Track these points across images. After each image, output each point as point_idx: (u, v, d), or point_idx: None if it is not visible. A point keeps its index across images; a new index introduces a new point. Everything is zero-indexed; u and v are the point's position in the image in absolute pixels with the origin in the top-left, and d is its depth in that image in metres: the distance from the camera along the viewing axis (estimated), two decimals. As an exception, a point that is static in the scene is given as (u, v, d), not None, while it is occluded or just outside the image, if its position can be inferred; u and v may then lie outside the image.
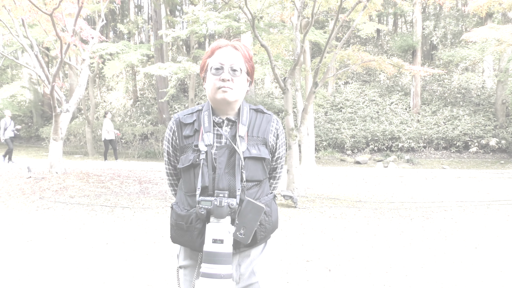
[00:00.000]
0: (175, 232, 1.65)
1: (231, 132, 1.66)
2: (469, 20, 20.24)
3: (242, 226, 1.52)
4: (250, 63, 1.71)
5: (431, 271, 3.92)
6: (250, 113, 1.73)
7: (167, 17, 16.79)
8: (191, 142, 1.65)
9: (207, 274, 1.43)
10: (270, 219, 1.67)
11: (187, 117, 1.72)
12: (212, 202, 1.49)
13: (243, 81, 1.67)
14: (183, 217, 1.61)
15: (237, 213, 1.52)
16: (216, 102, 1.66)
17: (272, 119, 1.76)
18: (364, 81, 19.79)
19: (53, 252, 4.39)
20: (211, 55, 1.68)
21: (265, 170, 1.70)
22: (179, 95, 20.61)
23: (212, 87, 1.63)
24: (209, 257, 1.44)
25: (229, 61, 1.63)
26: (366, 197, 7.82)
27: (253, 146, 1.64)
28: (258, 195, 1.66)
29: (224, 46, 1.67)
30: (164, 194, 7.91)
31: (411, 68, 8.23)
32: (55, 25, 7.26)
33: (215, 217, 1.49)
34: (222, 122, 1.68)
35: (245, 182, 1.58)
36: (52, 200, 7.23)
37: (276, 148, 1.77)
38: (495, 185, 8.76)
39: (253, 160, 1.62)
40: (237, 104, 1.69)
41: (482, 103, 16.35)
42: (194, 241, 1.58)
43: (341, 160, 14.47)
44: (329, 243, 4.82)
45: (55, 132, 9.08)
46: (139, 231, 5.29)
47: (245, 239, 1.52)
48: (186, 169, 1.63)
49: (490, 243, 4.83)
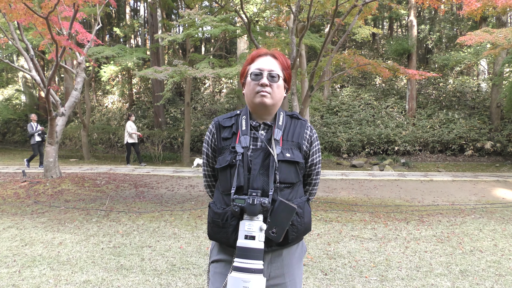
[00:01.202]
0: (212, 229, 1.75)
1: (267, 136, 1.74)
2: (463, 24, 20.36)
3: (274, 225, 1.59)
4: (287, 71, 1.80)
5: (427, 274, 3.93)
6: (286, 118, 1.81)
7: (163, 20, 16.78)
8: (228, 144, 1.74)
9: (239, 268, 1.51)
10: (302, 220, 1.74)
11: (226, 121, 1.82)
12: (245, 200, 1.58)
13: (280, 87, 1.76)
14: (219, 214, 1.70)
15: (269, 212, 1.59)
16: (254, 106, 1.75)
17: (307, 125, 1.84)
18: (360, 85, 19.84)
19: (48, 257, 4.36)
20: (251, 62, 1.78)
21: (298, 174, 1.77)
22: (175, 98, 20.58)
23: (251, 91, 1.73)
24: (242, 252, 1.53)
25: (267, 67, 1.72)
26: (362, 201, 7.82)
27: (287, 149, 1.72)
28: (291, 197, 1.73)
29: (264, 54, 1.78)
30: (160, 198, 7.89)
31: (406, 72, 8.26)
32: (50, 28, 7.24)
33: (248, 214, 1.57)
34: (258, 126, 1.77)
35: (278, 183, 1.66)
36: (47, 204, 7.19)
37: (309, 155, 1.85)
38: (490, 188, 8.79)
39: (287, 163, 1.70)
40: (274, 109, 1.78)
41: (477, 107, 16.42)
42: (229, 238, 1.67)
43: (337, 163, 14.48)
44: (325, 247, 4.81)
45: (50, 136, 9.04)
46: (134, 236, 5.26)
47: (277, 237, 1.60)
48: (223, 169, 1.73)
49: (486, 247, 4.84)
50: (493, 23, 16.43)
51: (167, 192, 8.59)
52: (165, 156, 15.55)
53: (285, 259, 1.75)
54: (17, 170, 11.12)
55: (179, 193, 8.42)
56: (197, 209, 6.87)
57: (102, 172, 11.06)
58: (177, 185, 9.28)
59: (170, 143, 17.47)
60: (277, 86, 1.73)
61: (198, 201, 7.59)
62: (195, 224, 5.89)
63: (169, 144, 17.52)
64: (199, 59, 14.39)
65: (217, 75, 10.12)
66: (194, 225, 5.84)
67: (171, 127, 18.12)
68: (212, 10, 16.39)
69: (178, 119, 18.85)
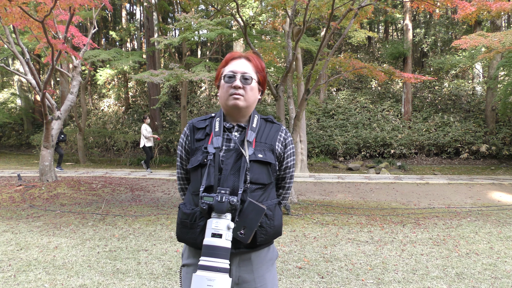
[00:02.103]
0: (180, 230, 1.73)
1: (240, 137, 1.75)
2: (458, 27, 20.49)
3: (242, 226, 1.58)
4: (262, 74, 1.81)
5: (424, 277, 3.93)
6: (260, 121, 1.82)
7: (159, 24, 16.80)
8: (201, 144, 1.75)
9: (204, 266, 1.49)
10: (272, 223, 1.73)
11: (200, 122, 1.82)
12: (213, 198, 1.56)
13: (254, 89, 1.77)
14: (188, 215, 1.69)
15: (238, 212, 1.58)
16: (227, 109, 1.76)
17: (281, 129, 1.85)
18: (356, 88, 19.91)
19: (44, 261, 4.34)
20: (225, 65, 1.79)
21: (270, 175, 1.76)
22: (171, 102, 20.58)
23: (225, 94, 1.74)
24: (208, 250, 1.52)
25: (241, 70, 1.73)
26: (358, 204, 7.83)
27: (260, 151, 1.72)
28: (262, 199, 1.72)
29: (238, 57, 1.79)
30: (156, 202, 7.87)
31: (402, 75, 8.28)
32: (46, 32, 7.23)
33: (215, 212, 1.55)
34: (232, 127, 1.77)
35: (248, 183, 1.65)
36: (42, 208, 7.16)
37: (284, 158, 1.85)
38: (486, 191, 8.83)
39: (259, 163, 1.70)
40: (248, 111, 1.78)
41: (472, 110, 16.51)
42: (196, 238, 1.66)
43: (334, 166, 14.50)
44: (322, 250, 4.81)
45: (46, 140, 9.01)
46: (130, 239, 5.24)
47: (245, 238, 1.59)
48: (194, 169, 1.73)
49: (482, 249, 4.85)
50: (488, 27, 16.55)
51: (163, 195, 8.57)
52: (161, 160, 15.52)
53: (255, 263, 1.73)
54: (12, 174, 11.06)
55: (175, 197, 8.40)
56: (193, 213, 6.85)
57: (98, 175, 11.03)
58: (173, 188, 9.26)
59: (166, 147, 17.45)
60: (251, 88, 1.74)
61: (195, 205, 7.56)
62: (191, 227, 5.87)
63: (165, 148, 17.49)
64: (195, 63, 14.40)
65: (213, 79, 10.11)
66: (190, 228, 5.82)
67: (167, 131, 18.10)
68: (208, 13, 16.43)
69: (174, 123, 18.83)
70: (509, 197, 8.26)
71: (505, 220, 6.41)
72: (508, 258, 4.49)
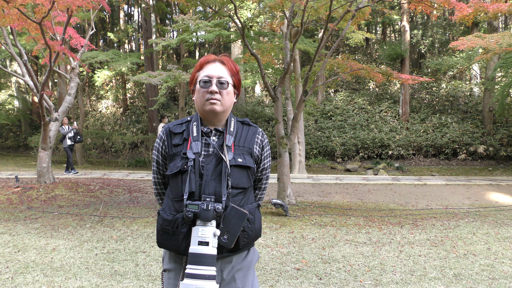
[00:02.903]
0: (161, 236, 1.71)
1: (219, 142, 1.74)
2: (456, 29, 20.56)
3: (226, 231, 1.59)
4: (236, 77, 1.80)
5: (422, 278, 3.94)
6: (237, 124, 1.82)
7: (157, 25, 16.80)
8: (180, 150, 1.72)
9: (192, 275, 1.49)
10: (253, 226, 1.74)
11: (176, 127, 1.80)
12: (199, 206, 1.56)
13: (230, 93, 1.76)
14: (170, 221, 1.67)
15: (222, 218, 1.58)
16: (204, 113, 1.75)
17: (258, 131, 1.86)
18: (354, 89, 19.94)
19: (41, 263, 4.33)
20: (200, 69, 1.78)
21: (250, 179, 1.77)
22: (169, 103, 20.57)
23: (201, 99, 1.72)
24: (194, 258, 1.51)
25: (216, 74, 1.72)
26: (356, 205, 7.84)
27: (239, 155, 1.72)
28: (243, 203, 1.73)
29: (212, 61, 1.77)
30: (154, 203, 7.86)
31: (399, 76, 8.29)
32: (44, 33, 7.22)
33: (201, 220, 1.55)
34: (210, 132, 1.76)
35: (230, 189, 1.66)
36: (40, 210, 7.14)
37: (261, 160, 1.86)
38: (483, 192, 8.85)
39: (239, 168, 1.70)
40: (225, 115, 1.78)
41: (470, 111, 16.55)
42: (179, 245, 1.65)
43: (332, 168, 14.51)
44: (320, 252, 4.81)
45: (43, 141, 8.99)
46: (128, 241, 5.24)
47: (228, 243, 1.59)
48: (174, 176, 1.71)
49: (480, 250, 4.87)
50: (485, 28, 16.60)
51: (162, 197, 8.55)
52: (159, 161, 15.48)
53: (236, 265, 1.74)
54: (10, 175, 11.04)
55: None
56: (191, 214, 6.84)
57: (96, 177, 11.01)
58: (172, 190, 9.25)
59: (165, 148, 17.39)
60: (227, 92, 1.73)
61: (193, 206, 7.56)
62: (189, 229, 5.87)
63: (163, 149, 17.44)
64: (193, 64, 14.40)
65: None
66: (188, 230, 5.81)
67: (166, 132, 18.05)
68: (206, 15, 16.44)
69: (172, 124, 18.79)
70: (507, 198, 8.28)
71: (503, 221, 6.43)
72: (505, 259, 4.50)
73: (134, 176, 11.42)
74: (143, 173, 12.17)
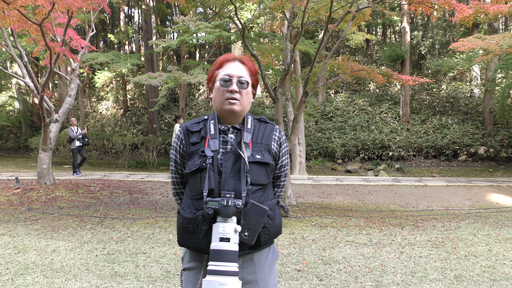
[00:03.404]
0: (182, 235, 1.72)
1: (236, 139, 1.74)
2: (456, 30, 20.56)
3: (246, 228, 1.59)
4: (255, 77, 1.81)
5: (422, 279, 3.93)
6: (254, 122, 1.82)
7: (158, 27, 16.81)
8: (197, 148, 1.73)
9: (214, 271, 1.49)
10: (273, 223, 1.74)
11: (194, 126, 1.80)
12: (219, 202, 1.56)
13: (249, 93, 1.77)
14: (190, 219, 1.68)
15: (242, 215, 1.59)
16: (223, 112, 1.76)
17: (275, 128, 1.85)
18: (354, 91, 19.94)
19: (41, 264, 4.32)
20: (220, 67, 1.78)
21: (269, 175, 1.78)
22: (170, 104, 20.57)
23: (220, 98, 1.73)
24: (216, 255, 1.51)
25: (237, 74, 1.73)
26: (357, 206, 7.83)
27: (257, 152, 1.73)
28: (262, 199, 1.74)
29: (232, 59, 1.78)
30: (154, 205, 7.85)
31: (400, 78, 8.29)
32: (44, 35, 7.23)
33: (222, 216, 1.55)
34: (227, 129, 1.77)
35: (249, 185, 1.66)
36: (40, 211, 7.14)
37: (279, 156, 1.86)
38: (484, 193, 8.84)
39: (257, 164, 1.71)
40: (243, 114, 1.79)
41: (470, 112, 16.55)
42: (200, 243, 1.65)
43: (332, 169, 14.51)
44: (320, 253, 4.81)
45: (44, 143, 8.99)
46: (129, 242, 5.23)
47: (249, 240, 1.60)
48: (193, 174, 1.71)
49: (481, 252, 4.85)
50: (485, 30, 16.60)
51: (162, 198, 8.56)
52: (160, 162, 15.50)
53: (257, 264, 1.74)
54: (10, 177, 11.04)
55: (174, 199, 8.38)
56: (192, 216, 6.84)
57: (96, 178, 11.01)
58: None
59: (165, 149, 17.43)
60: (246, 92, 1.74)
61: (193, 207, 7.55)
62: (190, 230, 5.86)
63: (164, 150, 17.48)
64: (193, 65, 14.41)
65: (211, 81, 10.09)
66: (189, 231, 5.80)
67: (166, 133, 18.10)
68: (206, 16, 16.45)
69: (172, 125, 18.82)
70: (508, 199, 8.27)
71: (504, 222, 6.42)
72: (506, 260, 4.49)
73: (135, 177, 11.41)
74: (143, 174, 12.17)
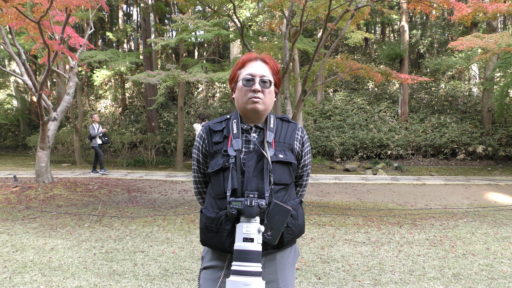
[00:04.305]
0: (205, 234, 1.72)
1: (259, 138, 1.74)
2: (455, 29, 20.56)
3: (269, 228, 1.59)
4: (277, 76, 1.81)
5: (421, 278, 3.94)
6: (276, 121, 1.82)
7: (156, 25, 16.77)
8: (220, 147, 1.73)
9: (238, 271, 1.49)
10: (296, 222, 1.75)
11: (216, 125, 1.80)
12: (242, 202, 1.56)
13: (271, 92, 1.77)
14: (213, 219, 1.68)
15: (265, 215, 1.58)
16: (245, 112, 1.75)
17: (298, 127, 1.85)
18: (353, 89, 19.93)
19: (40, 263, 4.32)
20: (242, 67, 1.77)
21: (292, 175, 1.78)
22: (168, 103, 20.54)
23: (243, 97, 1.73)
24: (240, 255, 1.51)
25: (259, 73, 1.72)
26: (355, 205, 7.84)
27: (280, 151, 1.72)
28: (285, 199, 1.74)
29: (254, 59, 1.78)
30: (153, 203, 7.85)
31: (398, 76, 8.30)
32: (42, 33, 7.20)
33: (245, 216, 1.55)
34: (250, 129, 1.76)
35: (272, 185, 1.65)
36: (38, 209, 7.13)
37: (302, 156, 1.86)
38: (482, 191, 8.85)
39: (280, 164, 1.71)
40: (265, 113, 1.78)
41: (469, 111, 16.56)
42: (224, 242, 1.65)
43: (331, 167, 14.51)
44: (319, 251, 4.81)
45: (42, 141, 8.97)
46: (127, 241, 5.23)
47: (272, 240, 1.59)
48: (216, 173, 1.71)
49: (479, 250, 4.86)
50: (484, 29, 16.61)
51: (160, 196, 8.55)
52: (158, 161, 15.49)
53: (279, 263, 1.74)
54: (8, 175, 11.02)
55: (172, 198, 8.39)
56: (190, 214, 6.85)
57: (94, 177, 11.00)
58: (170, 189, 9.25)
59: (163, 148, 17.41)
60: (269, 91, 1.74)
61: (191, 206, 7.56)
62: (188, 228, 5.87)
63: (162, 149, 17.46)
64: (192, 64, 14.39)
65: (210, 80, 10.11)
66: (187, 229, 5.81)
67: (164, 132, 18.07)
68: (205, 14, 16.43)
69: (171, 124, 18.81)
70: (506, 198, 8.28)
71: (502, 221, 6.43)
72: (504, 259, 4.50)
73: (133, 175, 11.40)
74: (142, 173, 12.16)
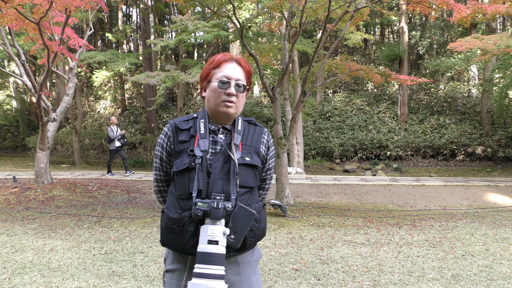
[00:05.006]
0: (166, 235, 1.68)
1: (226, 140, 1.72)
2: (454, 30, 20.58)
3: (233, 231, 1.57)
4: (249, 80, 1.80)
5: (420, 279, 3.94)
6: (244, 124, 1.80)
7: (156, 26, 16.77)
8: (186, 147, 1.69)
9: (201, 274, 1.46)
10: (260, 226, 1.73)
11: (183, 123, 1.77)
12: (209, 204, 1.52)
13: (243, 96, 1.76)
14: (175, 220, 1.64)
15: (230, 217, 1.56)
16: (216, 113, 1.73)
17: (264, 131, 1.84)
18: (352, 90, 19.95)
19: (39, 264, 4.32)
20: (217, 66, 1.74)
21: (257, 178, 1.77)
22: (168, 104, 20.54)
23: (216, 99, 1.70)
24: (203, 257, 1.48)
25: (235, 76, 1.71)
26: (355, 206, 7.84)
27: (246, 154, 1.71)
28: (249, 202, 1.72)
29: (230, 60, 1.75)
30: (152, 204, 7.85)
31: (398, 77, 8.30)
32: (42, 33, 7.21)
33: (211, 218, 1.52)
34: (217, 130, 1.74)
35: (238, 187, 1.64)
36: (38, 210, 7.12)
37: (266, 160, 1.85)
38: (481, 192, 8.85)
39: (246, 167, 1.69)
40: (235, 116, 1.77)
41: (468, 112, 16.57)
42: (186, 244, 1.62)
43: (330, 168, 14.51)
44: (318, 252, 4.81)
45: (41, 142, 8.97)
46: (126, 242, 5.22)
47: (235, 243, 1.57)
48: (180, 173, 1.67)
49: (478, 251, 4.87)
50: (483, 30, 16.62)
51: (160, 197, 8.54)
52: (157, 162, 15.45)
53: (241, 265, 1.73)
54: (8, 176, 11.01)
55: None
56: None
57: (94, 177, 10.99)
58: (170, 190, 9.23)
59: (162, 149, 17.37)
60: (242, 96, 1.73)
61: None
62: (187, 229, 5.86)
63: (161, 150, 17.41)
64: (191, 65, 14.38)
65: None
66: (186, 231, 5.80)
67: (164, 133, 18.03)
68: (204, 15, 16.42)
69: (170, 124, 18.77)
70: (505, 199, 8.29)
71: (501, 222, 6.43)
72: (503, 260, 4.50)
73: (132, 176, 11.40)
74: (141, 174, 12.15)
